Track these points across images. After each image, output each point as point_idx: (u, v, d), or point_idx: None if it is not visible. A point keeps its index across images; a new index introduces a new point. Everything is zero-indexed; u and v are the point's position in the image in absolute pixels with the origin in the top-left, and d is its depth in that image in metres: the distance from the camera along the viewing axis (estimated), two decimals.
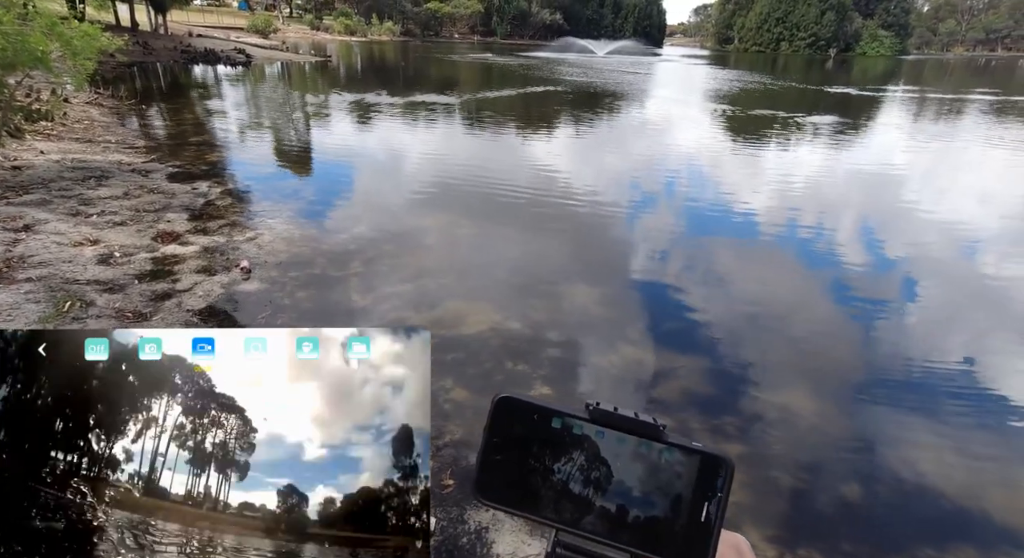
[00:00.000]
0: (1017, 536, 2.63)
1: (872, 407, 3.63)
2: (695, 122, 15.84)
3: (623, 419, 0.43)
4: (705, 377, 3.85)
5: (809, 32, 77.58)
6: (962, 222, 7.49)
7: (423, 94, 18.88)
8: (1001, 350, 4.43)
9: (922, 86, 31.91)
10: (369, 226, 6.41)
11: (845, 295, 5.30)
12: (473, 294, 4.93)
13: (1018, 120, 17.84)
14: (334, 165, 9.54)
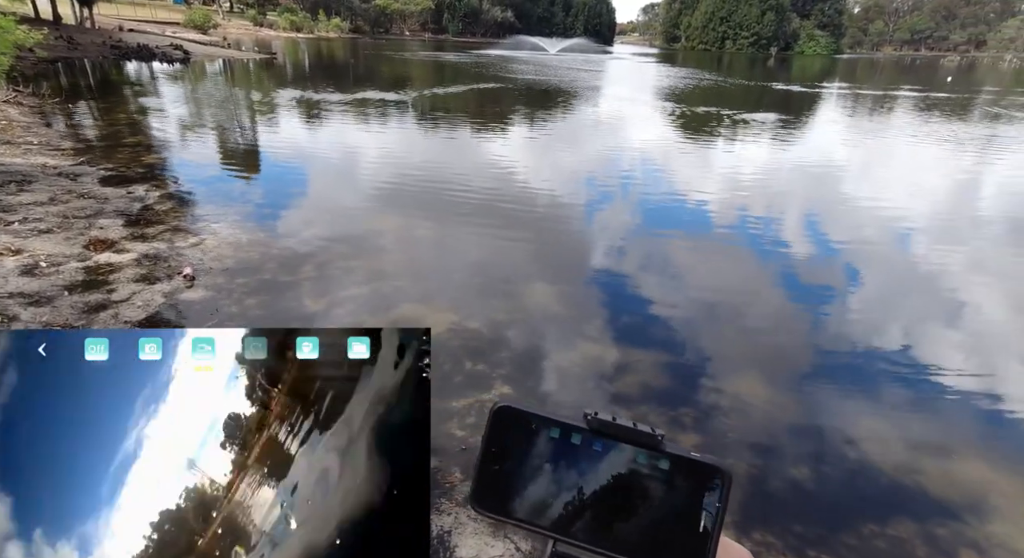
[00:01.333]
0: (948, 506, 2.79)
1: (814, 387, 3.79)
2: (648, 120, 16.17)
3: (621, 429, 0.43)
4: (658, 369, 3.93)
5: (751, 31, 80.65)
6: (895, 210, 7.93)
7: (376, 92, 18.52)
8: (930, 330, 4.71)
9: (856, 83, 33.70)
10: (321, 229, 6.23)
11: (789, 283, 5.52)
12: (430, 295, 4.87)
13: (940, 116, 19.06)
14: (284, 166, 9.22)
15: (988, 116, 19.21)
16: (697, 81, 30.29)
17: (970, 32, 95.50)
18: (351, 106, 15.32)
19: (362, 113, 14.41)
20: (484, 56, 42.12)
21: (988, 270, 6.09)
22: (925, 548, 2.54)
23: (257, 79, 22.34)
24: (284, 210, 6.85)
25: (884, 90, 28.62)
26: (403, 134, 12.17)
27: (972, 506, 2.78)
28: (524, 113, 16.15)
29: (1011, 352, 4.39)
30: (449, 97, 19.01)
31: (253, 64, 27.36)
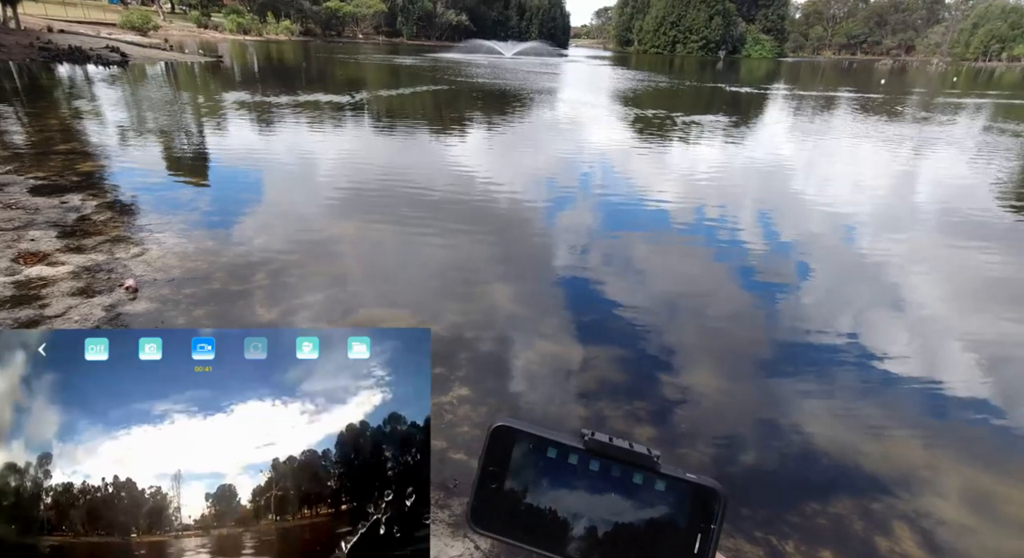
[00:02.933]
0: (883, 482, 2.97)
1: (762, 373, 3.96)
2: (606, 122, 16.46)
3: (617, 449, 0.43)
4: (613, 364, 4.02)
5: (700, 35, 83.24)
6: (838, 204, 8.35)
7: (330, 95, 18.17)
8: (870, 314, 4.99)
9: (800, 85, 35.28)
10: (274, 235, 6.07)
11: (740, 274, 5.74)
12: (388, 300, 4.82)
13: (875, 115, 20.17)
14: (234, 172, 8.94)
15: (917, 118, 20.44)
16: (653, 84, 31.05)
17: (900, 37, 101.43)
18: (304, 109, 14.99)
19: (316, 117, 14.12)
20: (440, 59, 41.95)
21: (923, 258, 6.48)
22: (861, 523, 2.69)
23: (203, 83, 21.56)
24: (234, 217, 6.64)
25: (825, 92, 30.07)
26: (359, 138, 12.00)
27: (904, 481, 2.97)
28: (482, 116, 16.18)
29: (943, 333, 4.70)
30: (405, 100, 18.85)
31: (199, 67, 26.37)
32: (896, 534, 2.63)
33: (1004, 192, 9.68)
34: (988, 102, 26.59)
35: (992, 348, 4.48)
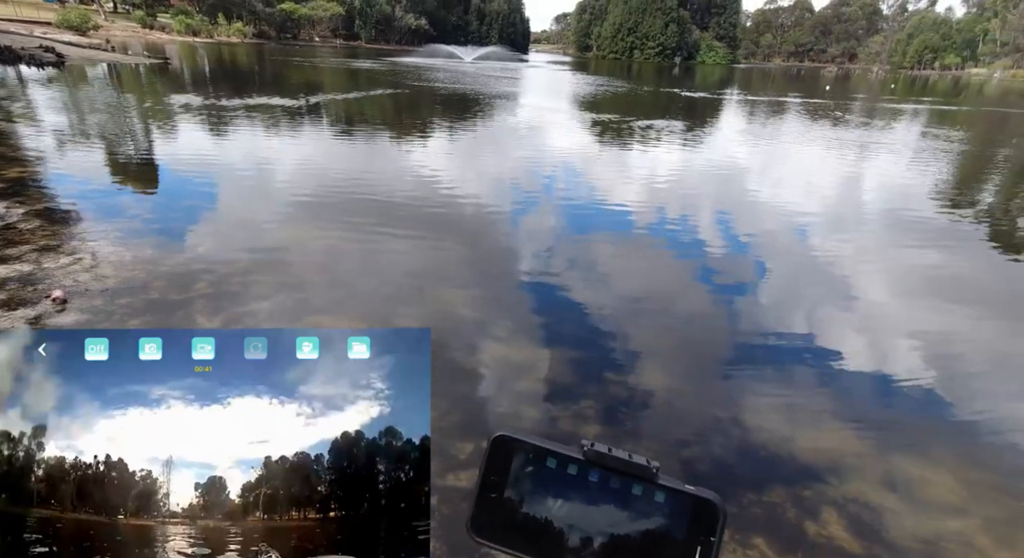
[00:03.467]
0: (814, 471, 3.09)
1: (706, 369, 4.07)
2: (567, 127, 16.65)
3: (617, 460, 0.43)
4: (563, 367, 4.05)
5: (657, 42, 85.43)
6: (789, 205, 8.68)
7: (284, 99, 17.75)
8: (817, 311, 5.20)
9: (752, 91, 36.60)
10: (217, 242, 5.88)
11: (699, 273, 5.89)
12: (338, 307, 4.73)
13: (821, 120, 21.10)
14: (178, 178, 8.61)
15: (860, 123, 21.49)
16: (612, 89, 31.61)
17: (843, 46, 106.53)
18: (256, 113, 14.60)
19: (269, 121, 13.77)
20: (399, 64, 41.61)
21: (866, 256, 6.79)
22: (794, 510, 2.79)
23: (149, 85, 20.75)
24: (177, 224, 6.39)
25: (775, 97, 31.28)
26: (313, 144, 11.75)
27: (833, 469, 3.10)
28: (442, 121, 16.12)
29: (880, 327, 4.93)
30: (364, 104, 18.61)
31: (144, 69, 25.36)
32: (824, 519, 2.74)
33: (939, 193, 10.26)
34: (923, 108, 28.19)
35: (925, 340, 4.73)
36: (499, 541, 0.44)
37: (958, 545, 2.63)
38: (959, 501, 2.89)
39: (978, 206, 9.64)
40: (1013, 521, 2.77)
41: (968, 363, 4.43)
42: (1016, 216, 9.14)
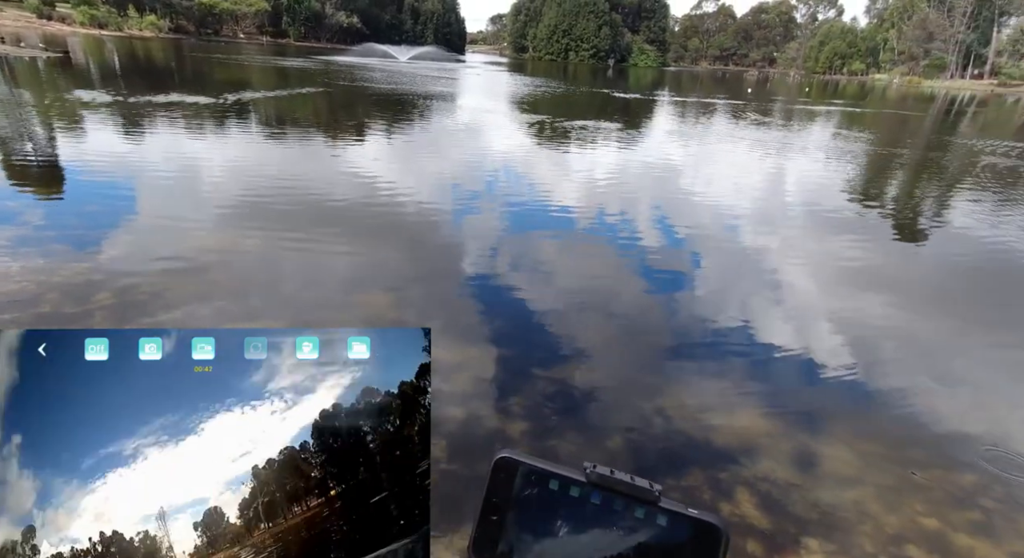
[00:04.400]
0: (728, 453, 3.24)
1: (628, 358, 4.19)
2: (507, 128, 16.69)
3: (619, 482, 0.42)
4: (492, 365, 4.05)
5: (591, 44, 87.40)
6: (718, 202, 9.08)
7: (204, 97, 16.77)
8: (738, 299, 5.45)
9: (682, 92, 38.16)
10: (125, 250, 5.48)
11: (636, 268, 6.04)
12: (255, 315, 4.51)
13: (745, 121, 22.29)
14: (78, 181, 7.94)
15: (779, 123, 22.87)
16: (549, 89, 32.03)
17: (763, 51, 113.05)
18: (173, 112, 13.71)
19: (188, 120, 12.97)
20: (332, 62, 40.39)
21: (787, 248, 7.20)
22: (710, 492, 2.91)
23: (48, 80, 19.07)
24: (77, 232, 5.89)
25: (702, 98, 32.76)
26: (237, 145, 11.17)
27: (746, 450, 3.25)
28: (378, 122, 15.76)
29: (797, 313, 5.24)
30: (296, 103, 17.91)
31: (43, 63, 23.29)
32: (737, 498, 2.87)
33: (852, 189, 11.06)
34: (835, 110, 30.38)
35: (836, 325, 5.07)
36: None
37: (854, 513, 2.82)
38: (854, 472, 3.11)
39: (883, 200, 10.47)
40: (899, 488, 3.01)
41: (872, 344, 4.79)
42: (916, 208, 10.00)
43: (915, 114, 30.86)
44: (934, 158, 15.66)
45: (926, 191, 11.67)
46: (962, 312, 5.70)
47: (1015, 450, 3.41)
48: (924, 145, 18.33)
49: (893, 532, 2.71)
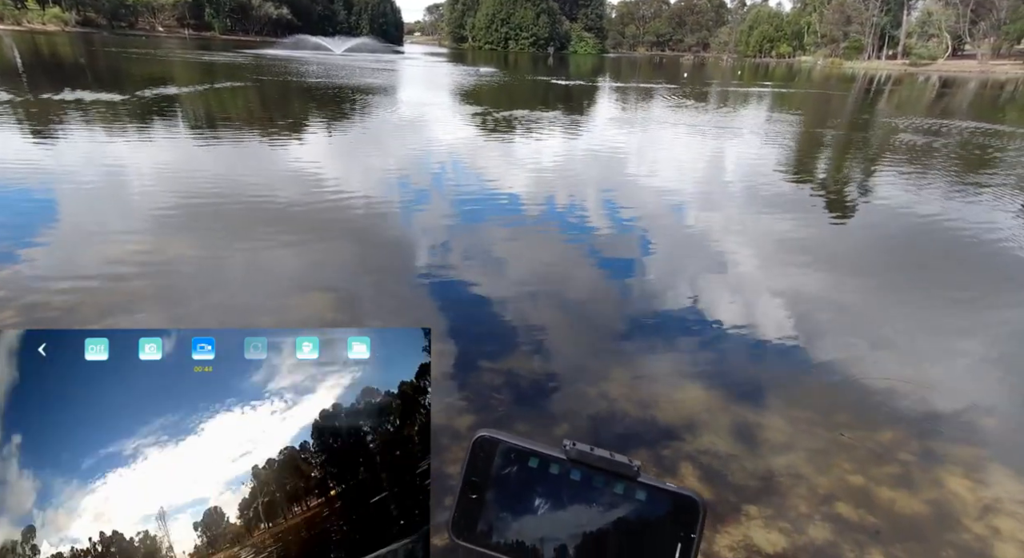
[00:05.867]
0: (671, 430, 3.34)
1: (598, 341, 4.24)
2: (453, 120, 16.44)
3: (598, 459, 0.43)
4: (447, 357, 4.00)
5: (530, 32, 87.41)
6: (662, 184, 9.28)
7: (120, 94, 15.67)
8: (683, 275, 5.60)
9: (621, 79, 38.77)
10: (34, 264, 5.06)
11: (587, 252, 6.09)
12: (190, 321, 4.27)
13: (682, 105, 22.91)
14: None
15: (714, 106, 23.62)
16: (491, 79, 31.80)
17: (697, 36, 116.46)
18: (87, 110, 12.74)
19: (104, 119, 12.09)
20: (262, 56, 38.65)
21: (727, 225, 7.44)
22: (654, 469, 2.99)
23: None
24: None
25: (642, 83, 33.41)
26: (162, 146, 10.51)
27: (688, 426, 3.36)
28: (314, 118, 15.20)
29: (739, 287, 5.43)
30: (225, 100, 17.02)
31: None
32: (681, 473, 2.96)
33: (785, 167, 11.56)
34: (767, 91, 31.68)
35: (778, 297, 5.29)
36: (482, 543, 0.44)
37: (788, 477, 2.97)
38: (786, 439, 3.27)
39: (813, 177, 11.01)
40: (828, 451, 3.19)
41: (806, 316, 5.03)
42: (842, 185, 10.57)
43: (838, 93, 32.60)
44: (859, 137, 16.58)
45: (852, 167, 12.35)
46: (881, 275, 6.07)
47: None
48: (848, 124, 19.39)
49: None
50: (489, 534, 0.44)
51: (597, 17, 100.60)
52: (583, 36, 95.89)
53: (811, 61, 79.12)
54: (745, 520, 2.67)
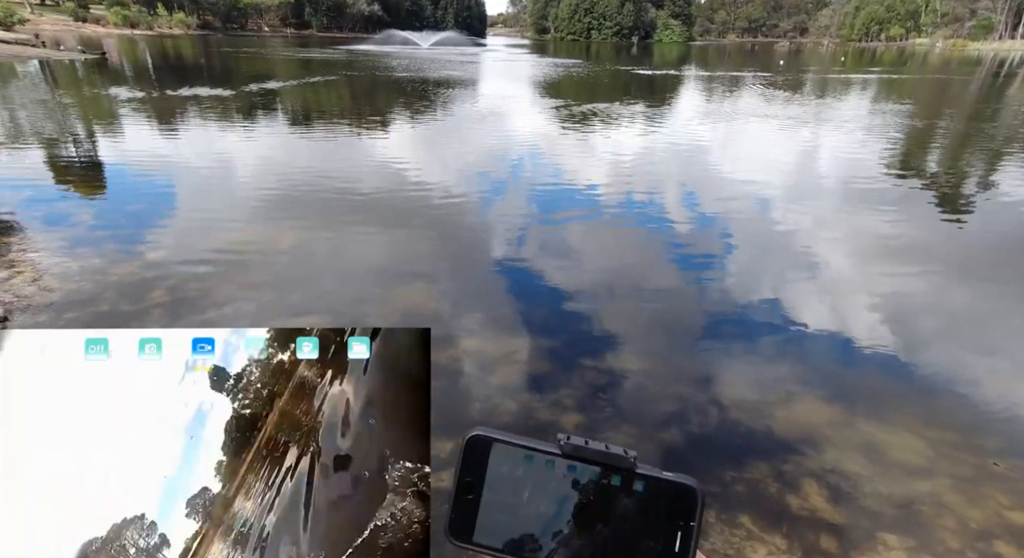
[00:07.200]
0: (791, 443, 3.15)
1: (693, 343, 4.10)
2: (542, 113, 16.48)
3: (594, 452, 0.43)
4: (538, 358, 4.02)
5: (614, 22, 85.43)
6: (755, 183, 8.79)
7: (238, 91, 17.02)
8: (788, 279, 5.28)
9: (710, 68, 37.01)
10: (173, 248, 5.61)
11: (671, 248, 5.92)
12: (303, 308, 4.57)
13: (777, 95, 21.50)
14: (127, 180, 8.17)
15: (813, 95, 21.98)
16: (575, 71, 31.46)
17: (794, 20, 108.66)
18: (207, 107, 13.96)
19: (222, 115, 13.19)
20: (354, 52, 40.50)
21: (829, 226, 6.93)
22: (776, 485, 2.84)
23: (88, 81, 19.61)
24: (126, 230, 6.06)
25: (732, 72, 31.71)
26: (275, 138, 11.31)
27: (809, 440, 3.16)
28: (405, 110, 15.75)
29: (846, 291, 5.05)
30: (320, 93, 18.03)
31: (80, 65, 23.97)
32: (805, 491, 2.79)
33: (890, 164, 10.57)
34: (873, 78, 29.02)
35: (887, 302, 4.86)
36: (479, 543, 0.43)
37: (931, 506, 2.71)
38: (925, 462, 2.98)
39: (924, 173, 9.98)
40: (977, 479, 2.88)
41: (923, 324, 4.58)
42: (959, 182, 9.50)
43: (959, 78, 29.24)
44: (982, 129, 14.79)
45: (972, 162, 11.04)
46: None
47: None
48: (969, 115, 17.34)
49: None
50: (487, 534, 0.43)
51: (685, 3, 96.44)
52: (669, 24, 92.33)
53: (928, 43, 71.46)
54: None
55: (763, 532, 2.54)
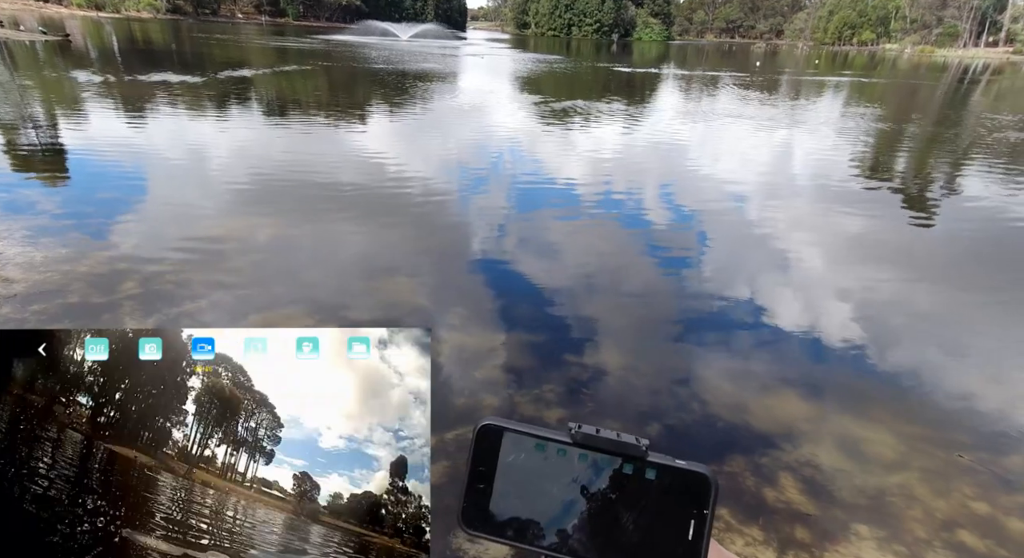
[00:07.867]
0: (768, 438, 3.23)
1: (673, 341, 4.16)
2: (508, 109, 16.42)
3: (605, 441, 0.43)
4: (520, 349, 4.02)
5: (594, 19, 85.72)
6: (729, 181, 8.93)
7: (207, 78, 16.54)
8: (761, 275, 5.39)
9: (688, 67, 37.42)
10: (144, 237, 5.45)
11: (647, 243, 5.98)
12: (280, 302, 4.49)
13: (752, 96, 21.86)
14: (92, 167, 7.88)
15: (787, 96, 22.42)
16: (556, 67, 31.45)
17: (771, 22, 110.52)
18: (177, 93, 13.54)
19: (192, 102, 12.81)
20: (332, 42, 39.75)
21: (799, 222, 7.09)
22: (753, 478, 2.90)
23: (49, 64, 18.83)
24: (94, 219, 5.86)
25: (710, 72, 32.12)
26: (250, 127, 11.04)
27: (786, 435, 3.23)
28: (384, 102, 15.53)
29: (817, 287, 5.17)
30: (296, 84, 17.66)
31: (42, 47, 22.99)
32: (781, 484, 2.86)
33: (859, 164, 10.86)
34: (845, 81, 29.75)
35: (856, 299, 5.00)
36: (492, 532, 0.43)
37: (901, 498, 2.81)
38: (897, 456, 3.09)
39: (893, 175, 10.28)
40: (946, 472, 2.99)
41: (893, 322, 4.73)
42: (925, 184, 9.82)
43: (927, 83, 30.18)
44: (945, 134, 15.32)
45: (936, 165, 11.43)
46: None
47: None
48: (935, 120, 17.94)
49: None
50: (500, 523, 0.44)
51: (664, 2, 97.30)
52: (649, 22, 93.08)
53: (897, 49, 73.57)
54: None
55: (741, 524, 2.60)
